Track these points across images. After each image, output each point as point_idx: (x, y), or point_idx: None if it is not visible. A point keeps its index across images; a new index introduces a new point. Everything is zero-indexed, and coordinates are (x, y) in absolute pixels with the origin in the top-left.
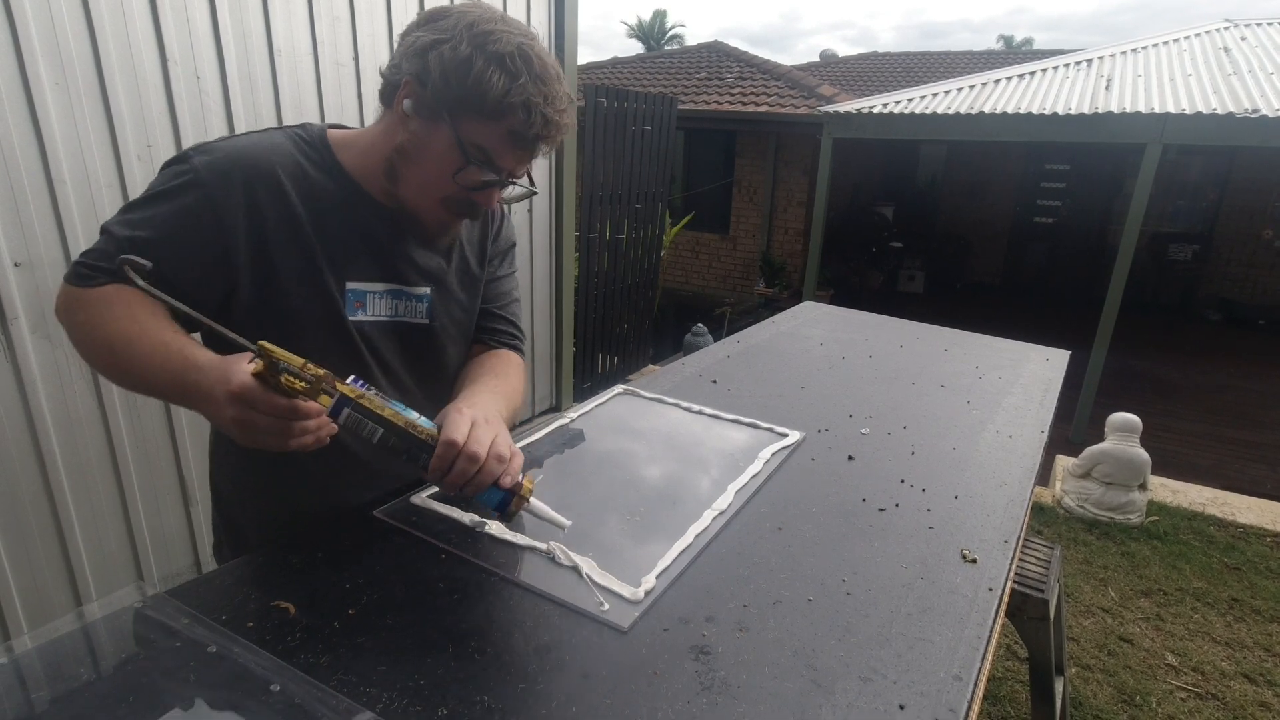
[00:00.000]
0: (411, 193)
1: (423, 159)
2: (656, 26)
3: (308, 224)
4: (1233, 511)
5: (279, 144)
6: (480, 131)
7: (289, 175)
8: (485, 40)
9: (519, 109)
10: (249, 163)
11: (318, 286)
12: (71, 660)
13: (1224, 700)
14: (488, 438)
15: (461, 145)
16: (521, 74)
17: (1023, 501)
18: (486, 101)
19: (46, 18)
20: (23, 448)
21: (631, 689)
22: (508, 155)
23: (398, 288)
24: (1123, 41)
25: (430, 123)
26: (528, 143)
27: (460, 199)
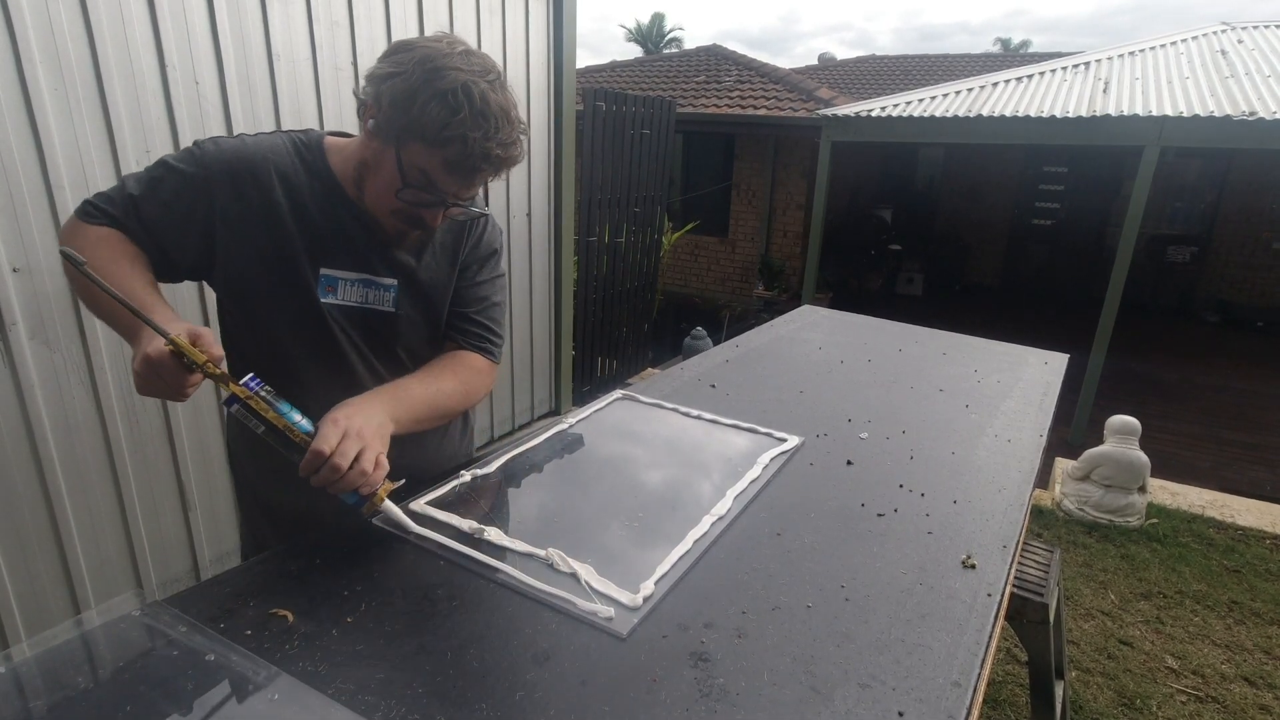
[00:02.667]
0: (370, 202)
1: (377, 175)
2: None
3: (289, 214)
4: (1232, 514)
5: (278, 145)
6: (420, 156)
7: (280, 172)
8: (433, 76)
9: (456, 141)
10: (246, 159)
11: (293, 269)
12: (69, 668)
13: (1224, 703)
14: (353, 451)
15: (402, 168)
16: (461, 109)
17: (1021, 505)
18: (426, 131)
19: (45, 23)
20: (21, 453)
21: (630, 696)
22: (448, 180)
23: (368, 277)
24: (1120, 44)
25: (384, 145)
26: (466, 172)
27: (407, 214)
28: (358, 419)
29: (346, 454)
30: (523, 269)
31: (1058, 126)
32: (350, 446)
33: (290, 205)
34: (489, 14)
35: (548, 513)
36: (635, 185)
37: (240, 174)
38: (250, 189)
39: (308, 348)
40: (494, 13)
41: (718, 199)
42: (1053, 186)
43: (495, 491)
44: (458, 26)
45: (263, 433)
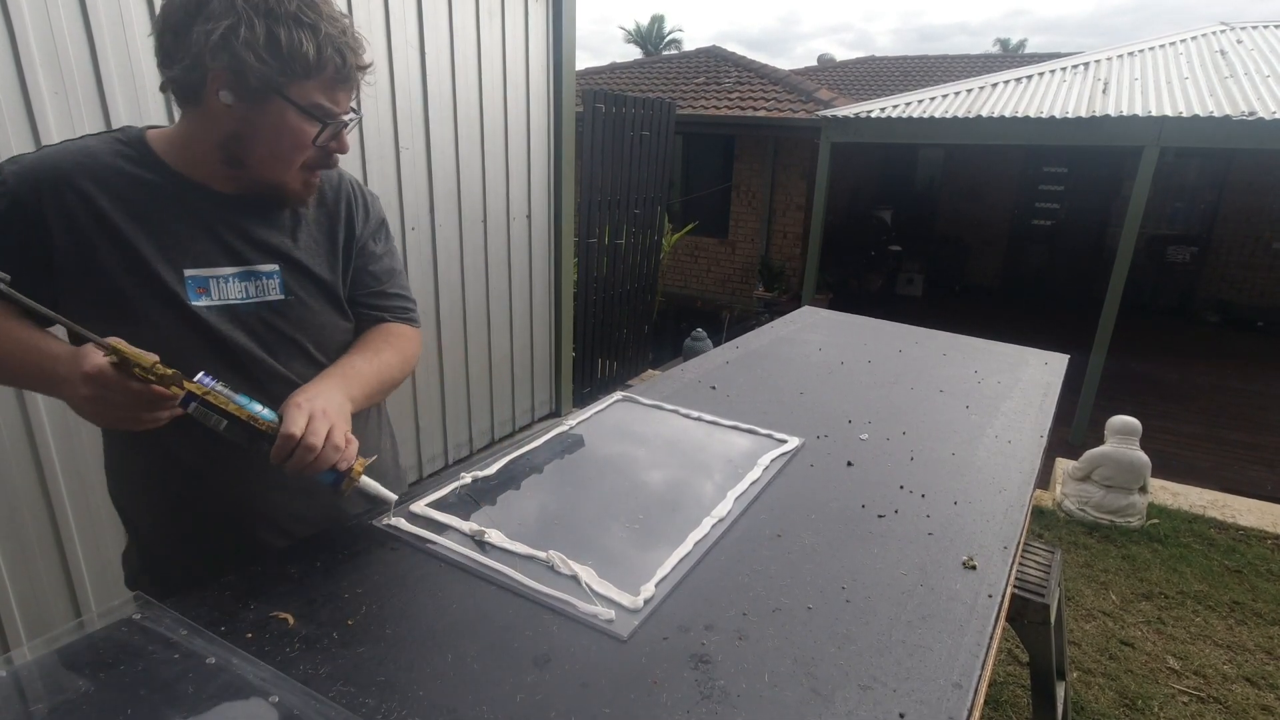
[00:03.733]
0: (268, 169)
1: (265, 136)
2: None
3: (125, 219)
4: (1233, 514)
5: (90, 148)
6: (310, 90)
7: (96, 177)
8: (269, 7)
9: (333, 56)
10: (53, 168)
11: (148, 277)
12: (70, 672)
13: (1226, 704)
14: (324, 429)
15: (304, 110)
16: (319, 23)
17: (1022, 506)
18: (308, 64)
19: (45, 26)
20: (21, 455)
21: (631, 698)
22: (339, 97)
23: (245, 269)
24: (1119, 45)
25: (258, 104)
26: (346, 80)
27: (317, 156)
28: (320, 400)
29: (318, 433)
30: (523, 271)
31: (1057, 127)
32: (320, 426)
33: (122, 210)
34: (488, 16)
35: (548, 514)
36: (635, 187)
37: (55, 186)
38: (72, 199)
39: (194, 363)
40: (493, 15)
41: (717, 200)
42: (1053, 187)
43: (496, 493)
44: (457, 28)
45: (225, 428)
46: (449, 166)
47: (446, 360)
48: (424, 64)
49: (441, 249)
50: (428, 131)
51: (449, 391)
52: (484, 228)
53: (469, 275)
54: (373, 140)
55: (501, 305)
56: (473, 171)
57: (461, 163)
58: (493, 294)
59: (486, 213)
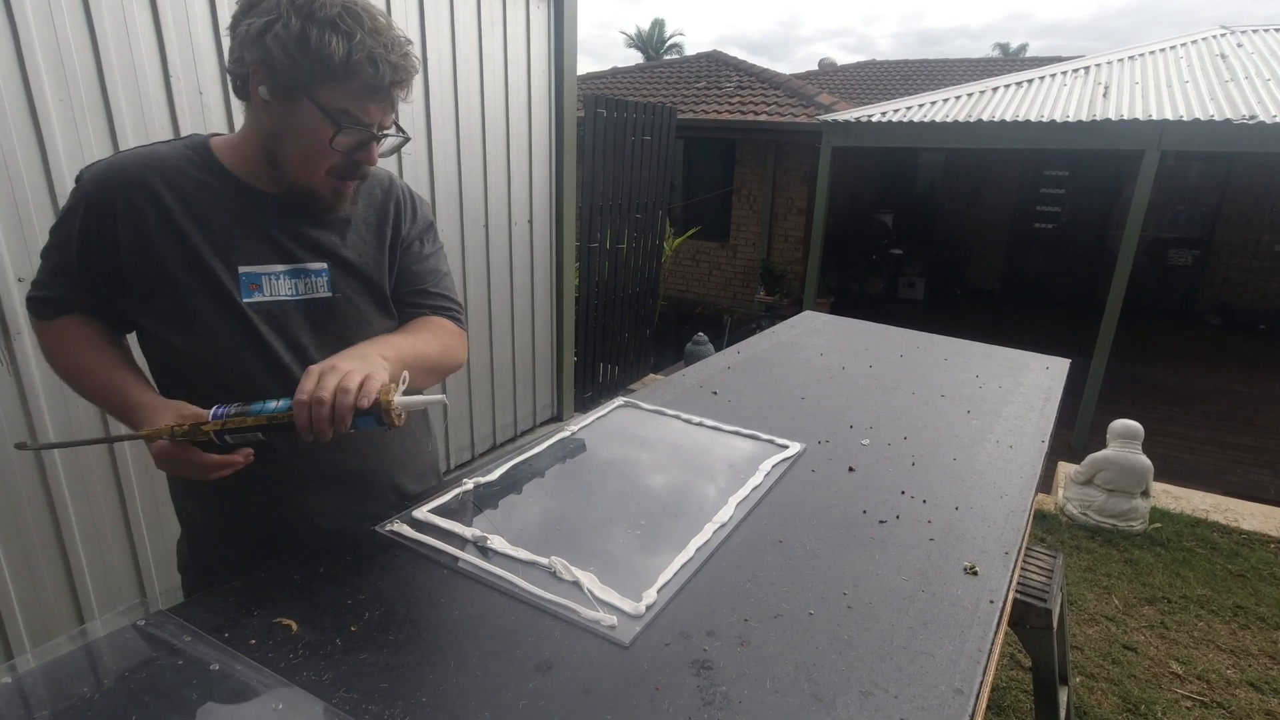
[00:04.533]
0: (298, 171)
1: (296, 137)
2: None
3: (186, 219)
4: (1236, 517)
5: (159, 153)
6: (338, 95)
7: (165, 179)
8: (311, 9)
9: (365, 64)
10: (124, 171)
11: (206, 274)
12: (73, 678)
13: (1229, 709)
14: (331, 381)
15: (327, 113)
16: (356, 31)
17: (1023, 512)
18: (334, 66)
19: (50, 32)
20: (25, 461)
21: (633, 704)
22: (370, 108)
23: (295, 267)
24: (1120, 48)
25: (289, 102)
26: (382, 92)
27: (344, 163)
28: (331, 360)
29: (325, 386)
30: (524, 275)
31: (1058, 130)
32: (328, 379)
33: (186, 209)
34: (490, 21)
35: (550, 520)
36: (636, 191)
37: (125, 187)
38: (140, 199)
39: (241, 357)
40: (495, 20)
41: (719, 204)
42: (1054, 190)
43: (498, 499)
44: (459, 34)
45: (262, 436)
46: (450, 171)
47: None
48: (426, 69)
49: None
50: (429, 136)
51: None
52: (485, 232)
53: (471, 280)
54: None
55: (503, 309)
56: (474, 176)
57: (463, 168)
58: (494, 298)
59: (488, 217)
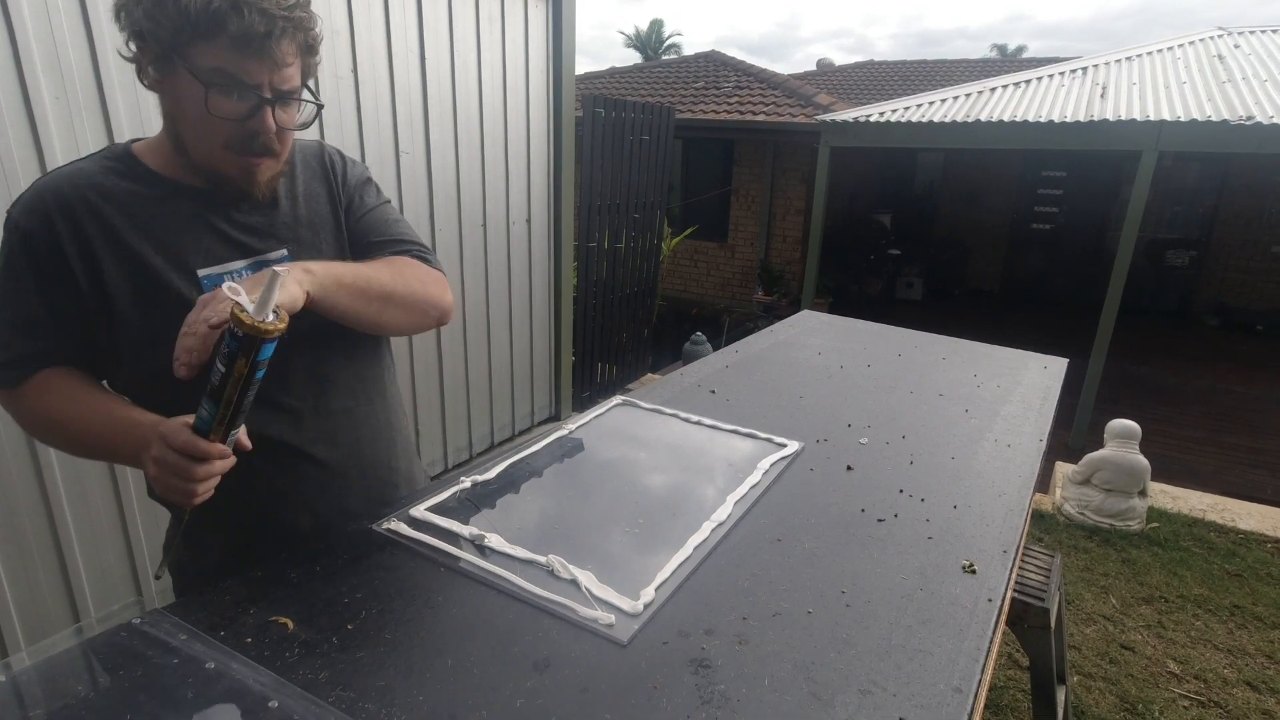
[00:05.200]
0: (197, 151)
1: (183, 109)
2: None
3: (131, 233)
4: (1233, 517)
5: (82, 169)
6: (208, 54)
7: (100, 193)
8: None
9: (228, 13)
10: (55, 193)
11: (163, 284)
12: (69, 677)
13: (1227, 708)
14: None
15: (196, 74)
16: None
17: (1022, 510)
18: (194, 19)
19: (46, 31)
20: (21, 460)
21: (631, 703)
22: (248, 67)
23: (256, 260)
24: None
25: (169, 72)
26: (257, 45)
27: (239, 136)
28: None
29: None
30: (522, 275)
31: (1056, 131)
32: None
33: (128, 222)
34: (488, 21)
35: (548, 519)
36: (634, 191)
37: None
38: (81, 219)
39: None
40: (493, 19)
41: (717, 204)
42: (1052, 191)
43: (495, 498)
44: (457, 33)
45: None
46: (449, 171)
47: (446, 364)
48: (424, 68)
49: (441, 253)
50: (427, 136)
51: (448, 395)
52: (484, 232)
53: (468, 279)
54: (372, 144)
55: (501, 309)
56: (472, 176)
57: (461, 167)
58: (492, 298)
59: (486, 217)
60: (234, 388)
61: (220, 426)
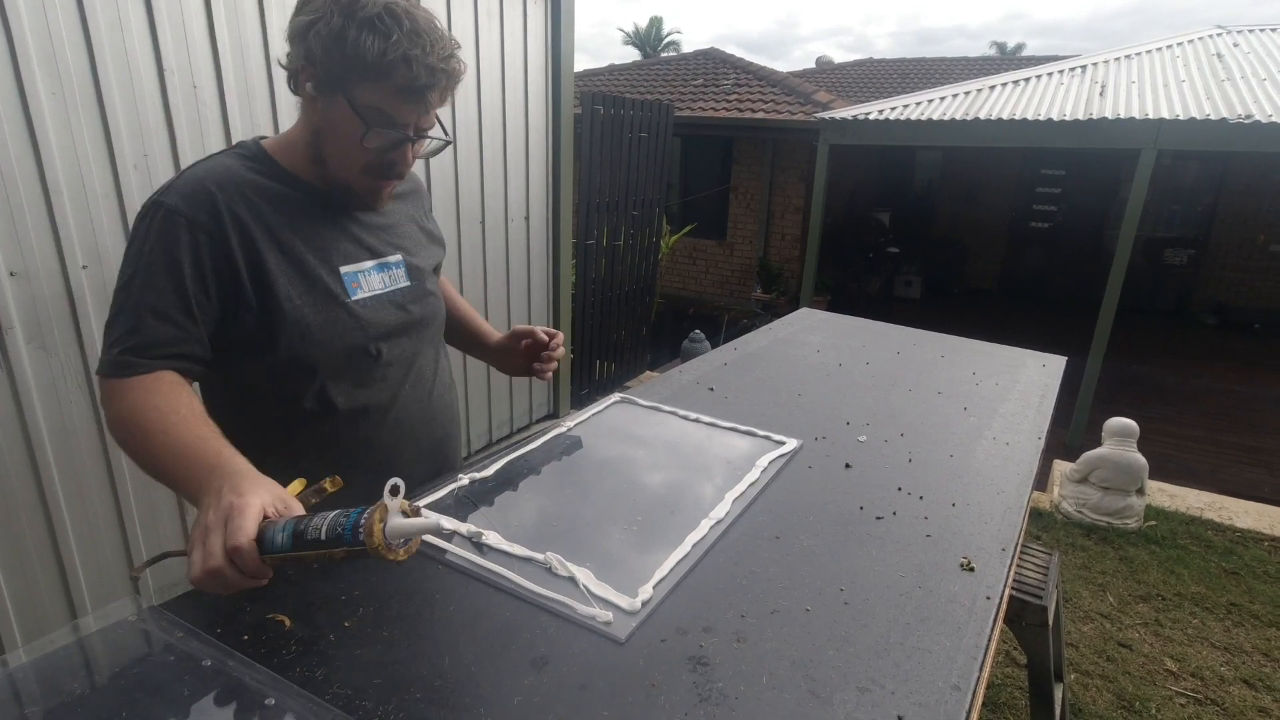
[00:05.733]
0: (337, 167)
1: (334, 133)
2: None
3: (284, 229)
4: (1230, 516)
5: (229, 165)
6: (371, 94)
7: (254, 191)
8: (352, 8)
9: (399, 65)
10: (219, 185)
11: (315, 278)
12: (66, 674)
13: (1223, 706)
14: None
15: (358, 111)
16: (393, 32)
17: (1020, 508)
18: (368, 65)
19: (43, 27)
20: (18, 458)
21: (629, 701)
22: (404, 110)
23: (379, 261)
24: (1116, 48)
25: (330, 98)
26: (417, 94)
27: (378, 163)
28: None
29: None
30: (520, 272)
31: (1055, 129)
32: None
33: (281, 219)
34: (487, 18)
35: (546, 516)
36: (633, 188)
37: (227, 204)
38: (242, 215)
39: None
40: (492, 16)
41: (716, 202)
42: (1050, 189)
43: (493, 495)
44: (455, 30)
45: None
46: (447, 168)
47: None
48: None
49: None
50: None
51: None
52: (482, 229)
53: (466, 277)
54: None
55: (499, 306)
56: (470, 173)
57: (459, 164)
58: (490, 295)
59: (484, 214)
60: (317, 556)
61: (281, 562)
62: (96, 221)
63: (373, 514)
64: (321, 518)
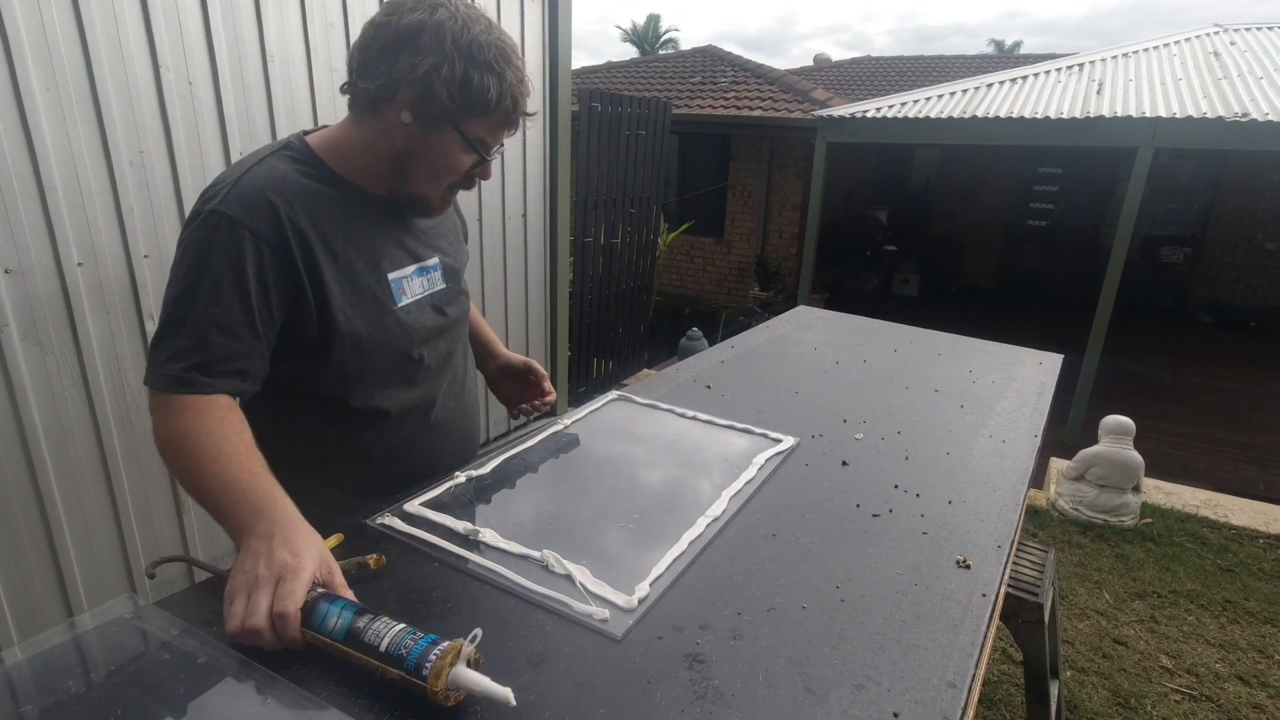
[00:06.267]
0: (423, 184)
1: (432, 158)
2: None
3: (338, 236)
4: (1225, 513)
5: (283, 170)
6: (480, 127)
7: (308, 197)
8: (473, 52)
9: (506, 102)
10: (275, 191)
11: (365, 285)
12: (61, 672)
13: (1218, 702)
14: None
15: (469, 142)
16: (506, 73)
17: (1016, 506)
18: (486, 105)
19: (37, 23)
20: (13, 456)
21: (625, 698)
22: (500, 136)
23: (420, 265)
24: (1114, 46)
25: (434, 130)
26: (515, 123)
27: (463, 180)
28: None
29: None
30: (518, 270)
31: (1052, 127)
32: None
33: (333, 226)
34: None
35: (543, 514)
36: (631, 186)
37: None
38: (301, 223)
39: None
40: (489, 12)
41: (713, 200)
42: (1048, 187)
43: (490, 493)
44: None
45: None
46: None
47: None
48: None
49: None
50: None
51: None
52: (479, 226)
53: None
54: None
55: (497, 304)
56: None
57: None
58: (488, 293)
59: (481, 211)
60: (362, 661)
61: (320, 644)
62: (92, 219)
63: (445, 656)
64: (385, 625)
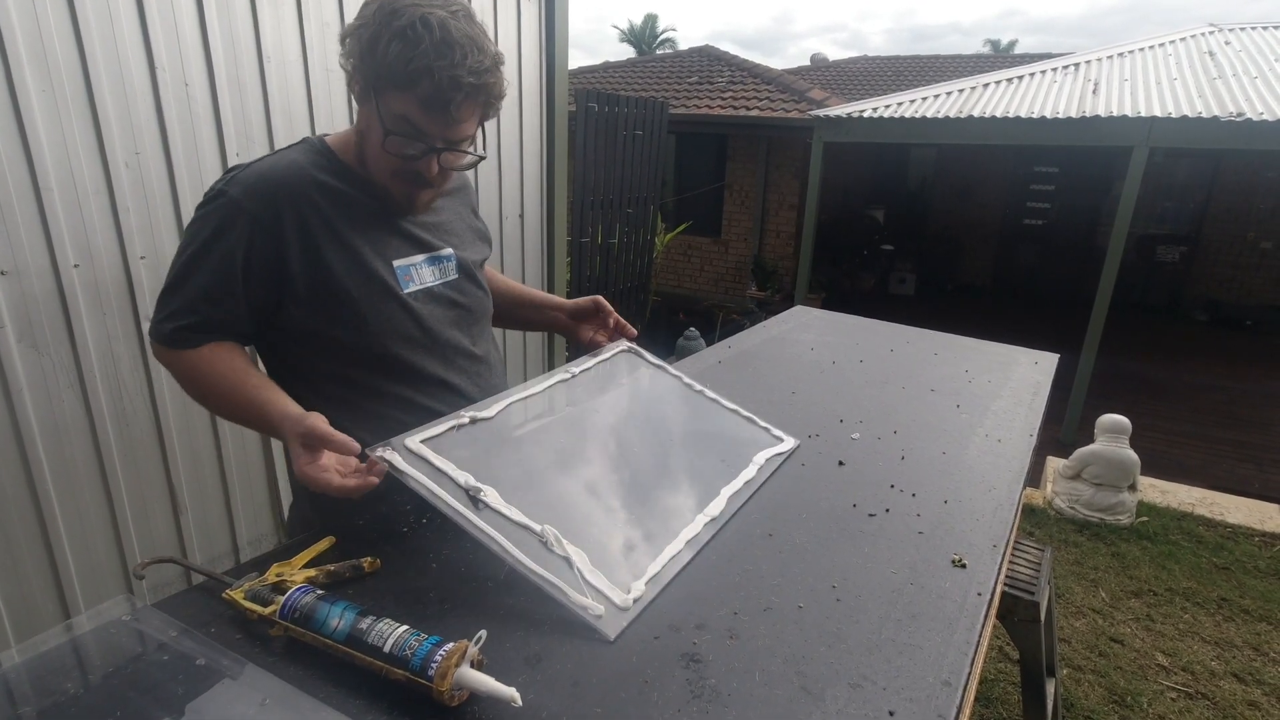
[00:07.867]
0: (372, 170)
1: (369, 138)
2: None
3: (343, 224)
4: (1221, 511)
5: (299, 163)
6: (398, 102)
7: (318, 189)
8: (390, 18)
9: (423, 75)
10: (282, 181)
11: (370, 274)
12: (59, 674)
13: (1214, 700)
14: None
15: (381, 117)
16: (422, 41)
17: (1012, 505)
18: (394, 73)
19: (32, 23)
20: (9, 456)
21: (622, 698)
22: (428, 121)
23: (431, 254)
24: (1109, 46)
25: (366, 103)
26: (441, 107)
27: (405, 170)
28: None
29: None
30: (515, 270)
31: (1048, 127)
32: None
33: (340, 214)
34: (480, 14)
35: (545, 477)
36: (628, 186)
37: (290, 199)
38: (304, 209)
39: (410, 346)
40: (485, 12)
41: (710, 200)
42: (1043, 187)
43: (492, 440)
44: None
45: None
46: None
47: None
48: None
49: None
50: None
51: None
52: None
53: None
54: None
55: None
56: None
57: None
58: None
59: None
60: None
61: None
62: (88, 219)
63: (451, 657)
64: (389, 627)
